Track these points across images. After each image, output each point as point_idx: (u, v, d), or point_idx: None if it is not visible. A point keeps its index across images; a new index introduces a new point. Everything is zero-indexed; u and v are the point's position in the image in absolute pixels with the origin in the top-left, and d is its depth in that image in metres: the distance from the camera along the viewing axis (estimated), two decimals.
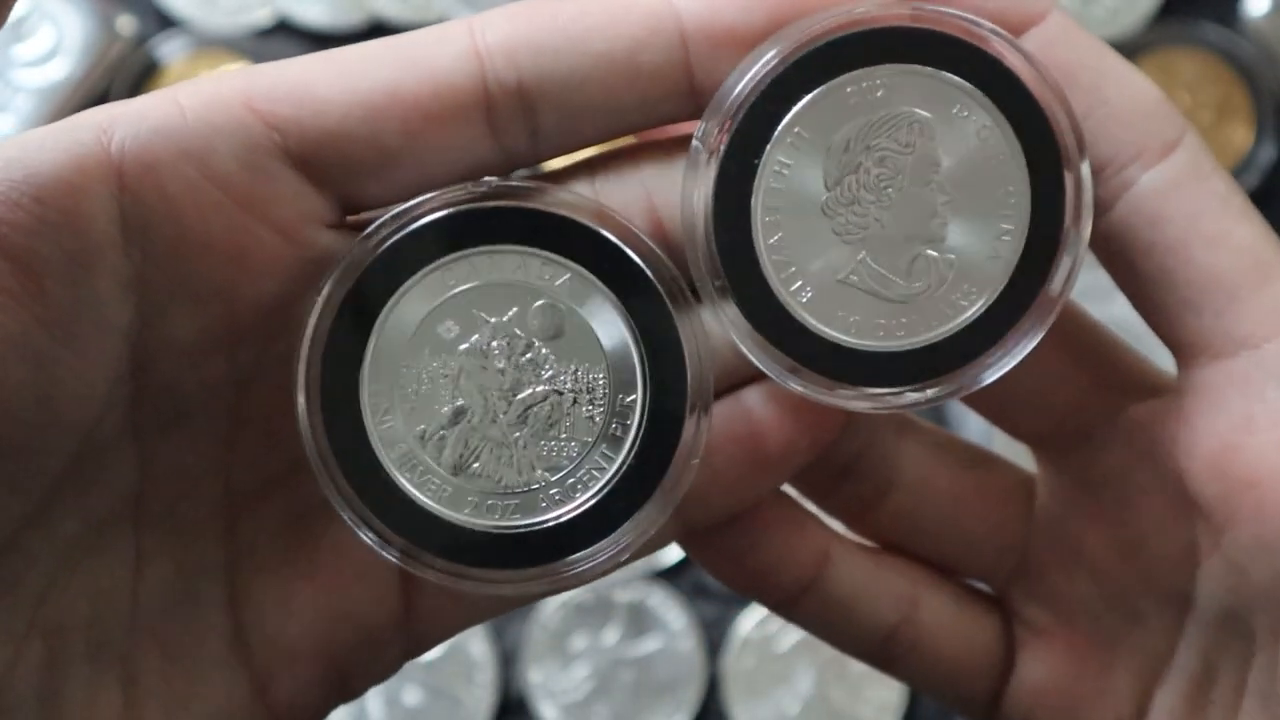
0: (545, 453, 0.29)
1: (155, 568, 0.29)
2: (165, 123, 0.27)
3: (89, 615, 0.28)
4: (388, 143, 0.28)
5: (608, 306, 0.28)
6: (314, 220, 0.29)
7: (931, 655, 0.35)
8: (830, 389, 0.29)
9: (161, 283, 0.28)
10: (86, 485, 0.28)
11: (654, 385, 0.28)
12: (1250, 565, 0.30)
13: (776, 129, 0.28)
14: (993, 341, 0.29)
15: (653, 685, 0.64)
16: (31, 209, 0.26)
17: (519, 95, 0.28)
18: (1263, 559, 0.30)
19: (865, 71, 0.28)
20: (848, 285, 0.29)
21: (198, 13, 0.69)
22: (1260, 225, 0.30)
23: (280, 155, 0.28)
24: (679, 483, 0.29)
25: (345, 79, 0.28)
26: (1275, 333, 0.29)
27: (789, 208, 0.28)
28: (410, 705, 0.64)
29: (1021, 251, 0.28)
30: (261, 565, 0.30)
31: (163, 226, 0.27)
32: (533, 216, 0.28)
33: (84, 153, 0.27)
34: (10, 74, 0.67)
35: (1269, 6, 0.67)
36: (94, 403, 0.27)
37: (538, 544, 0.29)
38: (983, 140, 0.28)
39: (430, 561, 0.29)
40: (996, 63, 0.28)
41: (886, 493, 0.34)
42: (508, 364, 0.29)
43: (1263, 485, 0.29)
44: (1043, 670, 0.35)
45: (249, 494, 0.30)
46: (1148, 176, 0.29)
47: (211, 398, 0.29)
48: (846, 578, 0.34)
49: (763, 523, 0.33)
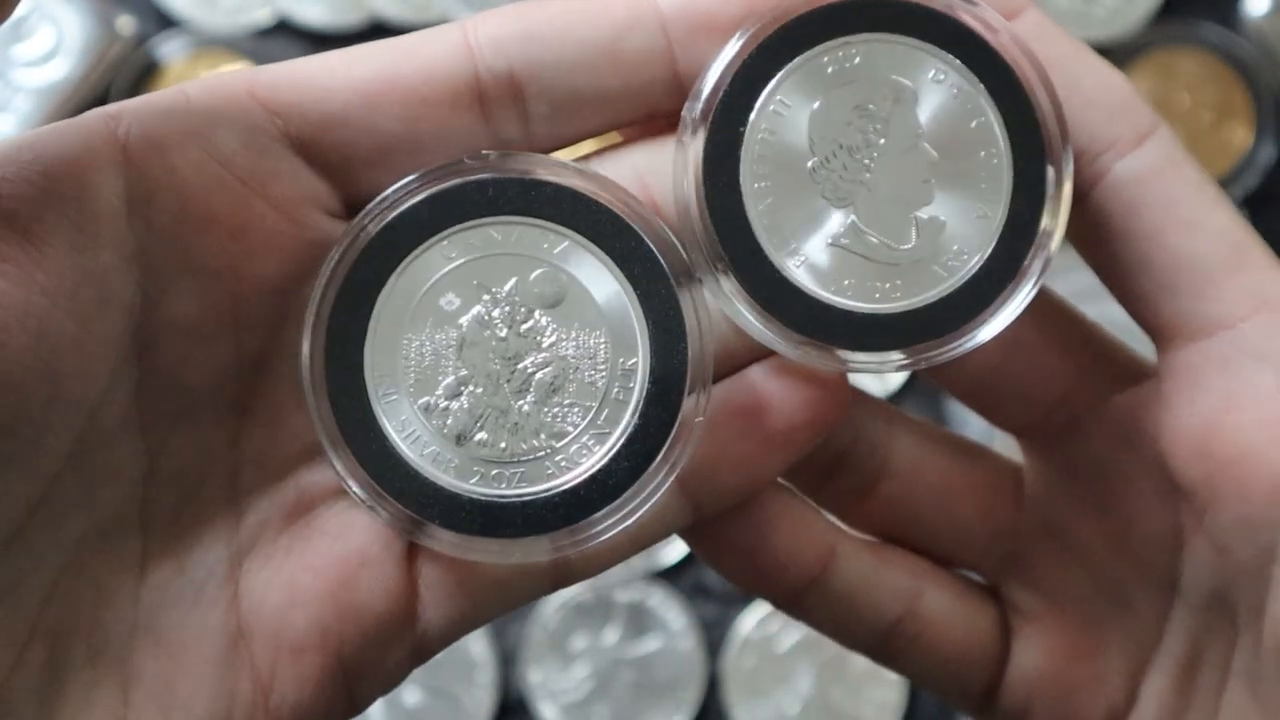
0: (549, 419, 0.29)
1: (159, 568, 0.29)
2: (171, 108, 0.28)
3: (91, 618, 0.28)
4: (385, 128, 0.29)
5: (606, 273, 0.29)
6: (315, 204, 0.29)
7: (932, 648, 0.35)
8: (828, 352, 0.29)
9: (164, 257, 0.28)
10: (93, 478, 0.28)
11: (655, 348, 0.29)
12: (1233, 544, 0.30)
13: (759, 98, 0.29)
14: (987, 301, 0.29)
15: (653, 685, 0.64)
16: (38, 182, 0.27)
17: (509, 82, 0.29)
18: (1245, 536, 0.30)
19: (841, 41, 0.29)
20: (839, 248, 0.29)
21: (198, 13, 0.69)
22: (1233, 211, 0.30)
23: (282, 138, 0.29)
24: (684, 446, 0.29)
25: (344, 69, 0.29)
26: (1251, 313, 0.30)
27: (777, 174, 0.29)
28: (410, 705, 0.64)
29: (1008, 210, 0.29)
30: (265, 558, 0.30)
31: (166, 200, 0.28)
32: (531, 186, 0.29)
33: (92, 134, 0.28)
34: (10, 74, 0.67)
35: (1269, 6, 0.67)
36: (97, 379, 0.28)
37: (545, 511, 0.29)
38: (960, 103, 0.29)
39: (437, 534, 0.29)
40: (966, 28, 0.29)
41: (877, 483, 0.35)
42: (509, 333, 0.29)
43: (1243, 463, 0.29)
44: (1037, 658, 0.35)
45: (253, 488, 0.30)
46: (1123, 164, 0.30)
47: (217, 387, 0.29)
48: (850, 573, 0.34)
49: (769, 519, 0.34)
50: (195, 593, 0.29)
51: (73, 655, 0.28)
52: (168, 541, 0.29)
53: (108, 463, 0.28)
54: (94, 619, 0.28)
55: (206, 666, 0.29)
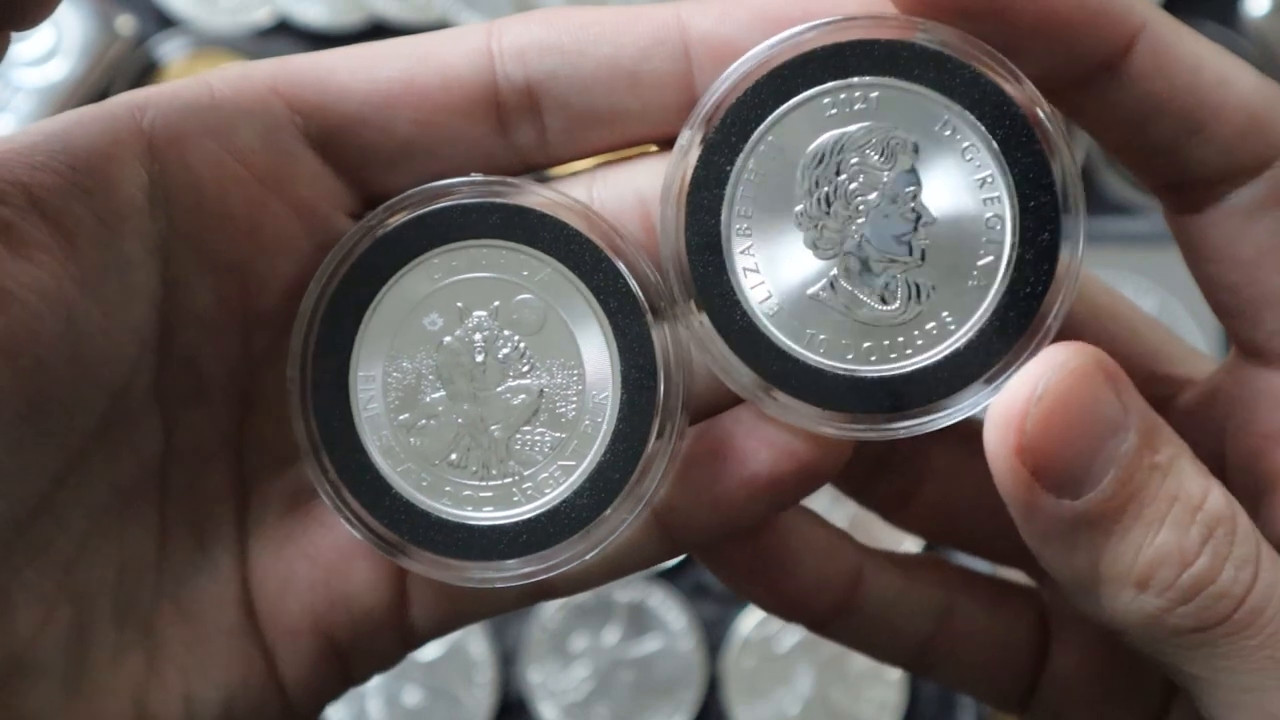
0: (519, 447, 0.29)
1: (176, 539, 0.30)
2: (195, 100, 0.29)
3: (116, 582, 0.29)
4: (401, 131, 0.29)
5: (584, 305, 0.29)
6: (332, 203, 0.30)
7: (969, 659, 0.35)
8: (792, 408, 0.28)
9: (183, 250, 0.29)
10: (115, 450, 0.29)
11: (626, 384, 0.29)
12: None
13: (751, 136, 0.28)
14: (969, 379, 0.27)
15: (653, 685, 0.64)
16: (66, 174, 0.27)
17: (527, 93, 0.29)
18: None
19: (845, 83, 0.28)
20: (818, 301, 0.28)
21: (198, 12, 0.69)
22: None
23: (301, 137, 0.29)
24: (651, 483, 0.29)
25: (365, 69, 0.29)
26: None
27: (762, 215, 0.28)
28: (410, 705, 0.64)
29: (1008, 282, 0.27)
30: (266, 543, 0.31)
31: (186, 195, 0.29)
32: (518, 213, 0.29)
33: (118, 125, 0.28)
34: (10, 74, 0.67)
35: (1269, 6, 0.67)
36: (123, 363, 0.28)
37: (510, 537, 0.29)
38: (967, 160, 0.27)
39: (407, 549, 0.29)
40: (990, 85, 0.27)
41: (920, 485, 0.35)
42: (487, 358, 0.29)
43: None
44: (1075, 661, 0.35)
45: (257, 474, 0.31)
46: (1236, 195, 0.29)
47: (227, 377, 0.30)
48: (880, 594, 0.34)
49: (794, 548, 0.33)
50: (211, 566, 0.31)
51: (99, 616, 0.29)
52: (183, 515, 0.30)
53: (130, 438, 0.29)
54: (119, 582, 0.29)
55: (224, 636, 0.30)
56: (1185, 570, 0.27)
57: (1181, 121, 0.28)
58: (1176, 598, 0.27)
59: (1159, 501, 0.27)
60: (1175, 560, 0.27)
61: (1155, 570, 0.27)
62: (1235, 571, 0.27)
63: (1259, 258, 0.29)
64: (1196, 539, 0.27)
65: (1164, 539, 0.27)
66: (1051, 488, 0.26)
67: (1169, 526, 0.27)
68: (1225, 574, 0.27)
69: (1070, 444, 0.26)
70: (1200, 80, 0.28)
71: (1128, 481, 0.26)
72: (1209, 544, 0.27)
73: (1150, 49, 0.28)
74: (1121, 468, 0.26)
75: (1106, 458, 0.26)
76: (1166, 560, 0.27)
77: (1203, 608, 0.27)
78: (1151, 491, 0.27)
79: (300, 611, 0.31)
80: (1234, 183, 0.29)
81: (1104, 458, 0.26)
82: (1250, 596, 0.27)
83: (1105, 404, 0.26)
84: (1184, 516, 0.27)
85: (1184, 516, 0.27)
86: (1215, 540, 0.27)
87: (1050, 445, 0.26)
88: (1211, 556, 0.27)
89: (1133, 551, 0.27)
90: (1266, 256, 0.29)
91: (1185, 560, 0.27)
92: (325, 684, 0.31)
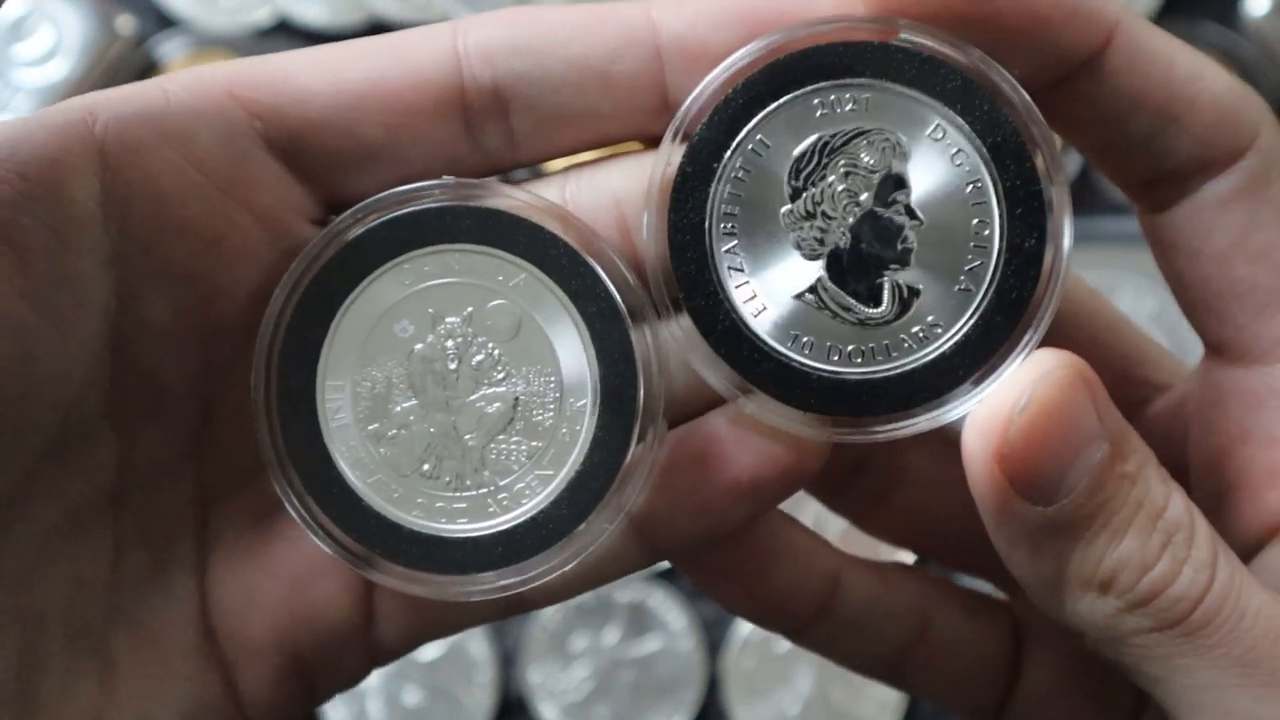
0: (494, 456, 0.28)
1: (131, 558, 0.29)
2: (149, 106, 0.28)
3: (67, 604, 0.29)
4: (366, 134, 0.29)
5: (561, 310, 0.28)
6: (294, 211, 0.29)
7: (943, 670, 0.35)
8: (776, 410, 0.28)
9: (139, 262, 0.28)
10: (67, 470, 0.28)
11: (605, 390, 0.28)
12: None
13: (739, 135, 0.28)
14: (954, 384, 0.27)
15: (653, 685, 0.64)
16: (15, 184, 0.26)
17: (494, 95, 0.29)
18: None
19: (835, 84, 0.27)
20: (804, 303, 0.28)
21: (197, 12, 0.69)
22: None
23: (261, 142, 0.28)
24: (632, 490, 0.28)
25: (327, 71, 0.29)
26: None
27: (747, 215, 0.28)
28: (410, 705, 0.64)
29: (995, 286, 0.27)
30: (227, 559, 0.30)
31: (142, 205, 0.28)
32: (491, 216, 0.28)
33: (69, 132, 0.27)
34: (10, 74, 0.67)
35: (1269, 6, 0.67)
36: (74, 380, 0.28)
37: (486, 549, 0.28)
38: (957, 165, 0.27)
39: (377, 563, 0.28)
40: (976, 83, 0.27)
41: (892, 491, 0.35)
42: (460, 365, 0.29)
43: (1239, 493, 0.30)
44: (1048, 674, 0.35)
45: (219, 489, 0.30)
46: (1209, 186, 0.29)
47: (187, 390, 0.29)
48: (856, 601, 0.34)
49: (771, 550, 0.33)
50: (167, 584, 0.30)
51: (50, 640, 0.28)
52: (139, 532, 0.30)
53: (82, 456, 0.29)
54: (69, 603, 0.29)
55: (181, 657, 0.30)
56: (1145, 575, 0.27)
57: (1158, 114, 0.28)
58: (1135, 600, 0.27)
59: (1126, 509, 0.27)
60: (1136, 565, 0.27)
61: (1117, 574, 0.27)
62: (1193, 574, 0.27)
63: (1230, 250, 0.29)
64: (1157, 545, 0.27)
65: (1127, 545, 0.27)
66: (1026, 494, 0.27)
67: (1133, 533, 0.27)
68: (1183, 577, 0.27)
69: (1051, 453, 0.26)
70: (1174, 74, 0.28)
71: (1098, 490, 0.27)
72: (1168, 549, 0.27)
73: (1125, 46, 0.28)
74: (1093, 477, 0.26)
75: (1081, 467, 0.26)
76: (1128, 565, 0.27)
77: (1160, 609, 0.27)
78: (1120, 500, 0.27)
79: (263, 629, 0.30)
80: (1207, 174, 0.29)
81: (1079, 467, 0.26)
82: (1206, 598, 0.27)
83: (1085, 415, 0.26)
84: (1146, 523, 0.27)
85: (1146, 523, 0.27)
86: (1174, 545, 0.27)
87: (1030, 454, 0.26)
88: (1170, 561, 0.27)
89: (1097, 557, 0.27)
90: (1237, 248, 0.29)
91: (1146, 565, 0.27)
92: (287, 703, 0.31)
